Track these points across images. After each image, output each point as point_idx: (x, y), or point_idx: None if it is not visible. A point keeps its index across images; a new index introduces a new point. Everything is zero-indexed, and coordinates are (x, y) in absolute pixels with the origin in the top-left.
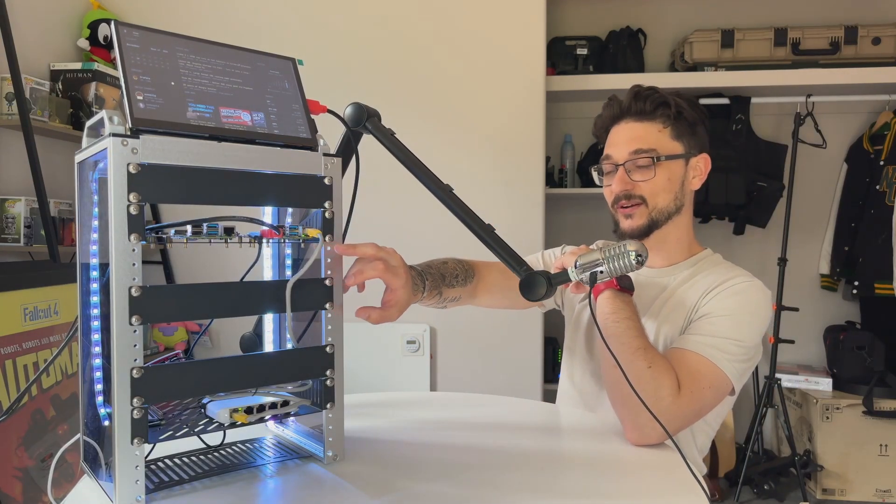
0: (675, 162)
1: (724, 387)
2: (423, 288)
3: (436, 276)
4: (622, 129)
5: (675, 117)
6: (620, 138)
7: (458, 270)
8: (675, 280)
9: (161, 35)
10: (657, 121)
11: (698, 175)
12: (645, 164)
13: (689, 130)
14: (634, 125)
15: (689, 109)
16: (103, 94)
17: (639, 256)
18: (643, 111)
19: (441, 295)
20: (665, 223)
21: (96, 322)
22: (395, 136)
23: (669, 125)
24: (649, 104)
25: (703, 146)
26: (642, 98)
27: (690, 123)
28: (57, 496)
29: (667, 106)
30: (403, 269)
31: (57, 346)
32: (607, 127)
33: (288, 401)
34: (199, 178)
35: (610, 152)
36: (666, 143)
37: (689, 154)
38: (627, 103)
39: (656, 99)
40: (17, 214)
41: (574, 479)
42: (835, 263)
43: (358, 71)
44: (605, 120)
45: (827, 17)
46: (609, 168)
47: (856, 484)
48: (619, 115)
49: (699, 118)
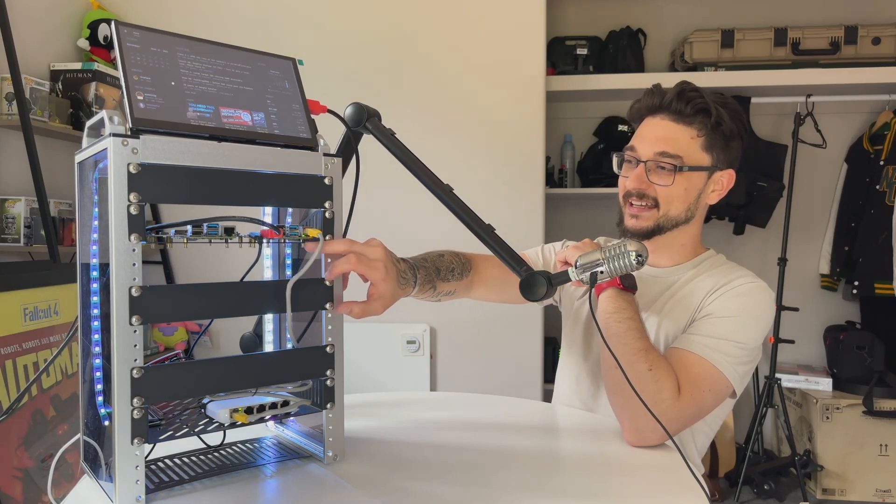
0: (698, 174)
1: (724, 389)
2: (414, 281)
3: (430, 270)
4: (656, 124)
5: (713, 127)
6: (651, 134)
7: (454, 264)
8: (679, 280)
9: (161, 35)
10: (693, 126)
11: (718, 190)
12: (667, 168)
13: (722, 143)
14: (669, 124)
15: (728, 122)
16: (103, 94)
17: (639, 257)
18: (682, 112)
19: (435, 289)
20: (670, 230)
21: (96, 322)
22: (395, 136)
23: (704, 135)
24: (690, 107)
25: (732, 162)
26: (685, 99)
27: (727, 136)
28: (57, 496)
29: (707, 114)
30: (384, 262)
31: (57, 346)
32: (642, 116)
33: (288, 401)
34: (199, 178)
35: (636, 145)
36: (694, 152)
37: (715, 168)
38: (669, 99)
39: (698, 104)
40: (17, 214)
41: (573, 479)
42: (835, 263)
43: (358, 71)
44: (642, 108)
45: (827, 17)
46: (630, 160)
47: (856, 484)
48: (658, 108)
49: (738, 132)
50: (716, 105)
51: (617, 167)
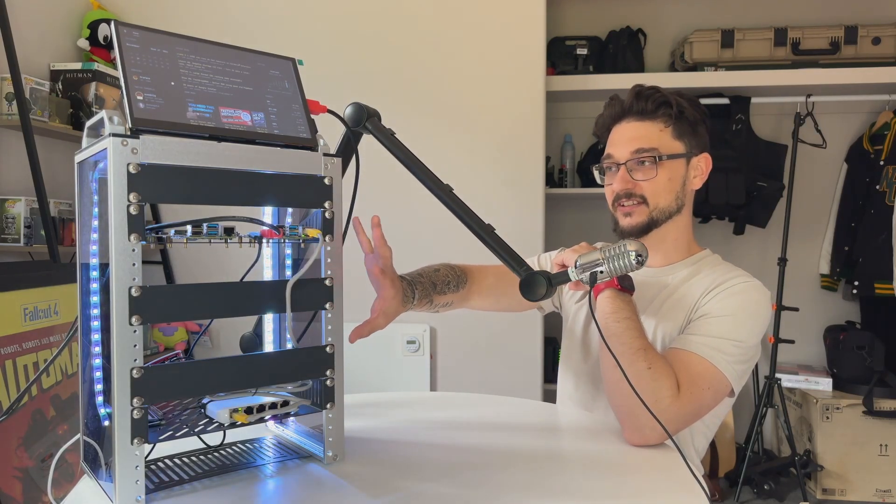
0: (677, 161)
1: (723, 388)
2: (412, 297)
3: (426, 285)
4: (624, 128)
5: (677, 117)
6: (622, 137)
7: (449, 277)
8: (675, 279)
9: (161, 35)
10: (658, 120)
11: (699, 175)
12: (647, 163)
13: (690, 130)
14: (636, 124)
15: (690, 109)
16: (103, 94)
17: (639, 256)
18: (645, 110)
19: (432, 302)
20: (665, 222)
21: (96, 322)
22: (395, 136)
23: (671, 125)
24: (651, 104)
25: (703, 146)
26: (644, 97)
27: (692, 123)
28: (57, 496)
29: (668, 105)
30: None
31: (57, 346)
32: (609, 126)
33: (288, 401)
34: (199, 178)
35: (611, 151)
36: (667, 142)
37: (691, 154)
38: (629, 102)
39: (658, 98)
40: (17, 214)
41: (574, 479)
42: (835, 263)
43: (358, 71)
44: (606, 119)
45: (827, 17)
46: (610, 167)
47: (856, 484)
48: (621, 115)
49: (700, 118)
50: (674, 96)
51: (599, 178)
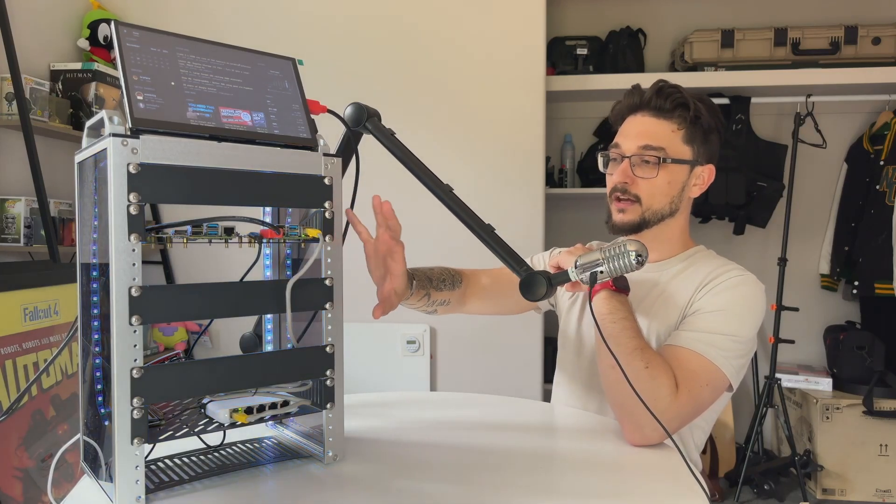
0: (681, 167)
1: (721, 384)
2: (411, 285)
3: (422, 278)
4: (637, 120)
5: (692, 121)
6: (633, 130)
7: (444, 275)
8: (667, 275)
9: (161, 35)
10: (673, 120)
11: (699, 184)
12: (650, 162)
13: (702, 137)
14: (650, 120)
15: (707, 115)
16: (103, 94)
17: (639, 256)
18: (661, 108)
19: (429, 297)
20: (657, 224)
21: (96, 322)
22: (395, 136)
23: (684, 128)
24: (669, 102)
25: (711, 156)
26: (664, 95)
27: (705, 130)
28: (57, 496)
29: (686, 108)
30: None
31: (57, 346)
32: (624, 115)
33: (288, 401)
34: (199, 178)
35: (620, 141)
36: (676, 145)
37: (696, 162)
38: (648, 96)
39: (677, 98)
40: (17, 214)
41: (574, 479)
42: (835, 263)
43: (358, 71)
44: (623, 108)
45: (827, 17)
46: (615, 157)
47: (856, 484)
48: (638, 106)
49: (715, 126)
50: (693, 100)
51: (603, 166)
